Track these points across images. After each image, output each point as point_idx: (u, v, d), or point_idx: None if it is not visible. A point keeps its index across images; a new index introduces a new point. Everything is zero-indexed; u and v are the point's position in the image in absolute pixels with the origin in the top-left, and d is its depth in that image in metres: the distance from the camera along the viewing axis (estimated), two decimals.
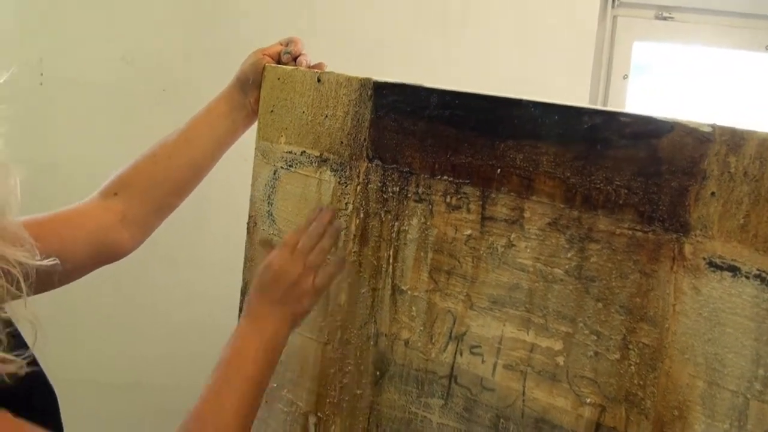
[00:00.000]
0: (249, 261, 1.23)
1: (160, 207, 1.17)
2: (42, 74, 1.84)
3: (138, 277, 1.80)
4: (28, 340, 0.83)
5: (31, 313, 0.80)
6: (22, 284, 0.79)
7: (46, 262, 0.85)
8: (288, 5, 1.87)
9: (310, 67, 1.17)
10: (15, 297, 0.79)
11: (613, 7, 2.00)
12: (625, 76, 2.05)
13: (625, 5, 2.01)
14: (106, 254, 1.13)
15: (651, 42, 2.05)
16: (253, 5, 1.87)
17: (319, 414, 1.14)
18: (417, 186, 1.01)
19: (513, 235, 0.93)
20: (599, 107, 0.88)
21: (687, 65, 2.05)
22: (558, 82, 1.86)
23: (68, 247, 1.06)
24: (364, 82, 1.06)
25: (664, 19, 2.02)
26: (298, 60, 1.17)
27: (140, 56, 1.85)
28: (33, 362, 0.83)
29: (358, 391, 1.09)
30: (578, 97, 1.84)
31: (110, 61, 1.85)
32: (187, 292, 1.95)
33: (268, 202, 1.18)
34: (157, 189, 1.16)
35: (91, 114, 1.86)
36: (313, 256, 1.04)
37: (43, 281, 1.00)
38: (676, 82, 2.07)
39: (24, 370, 0.76)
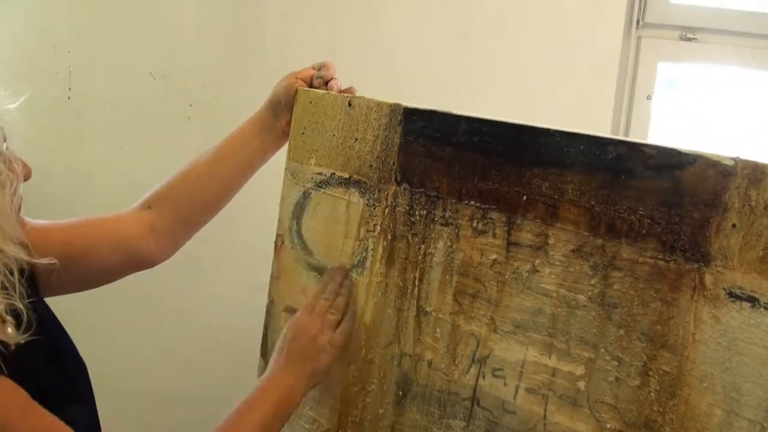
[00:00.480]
0: (275, 279, 1.28)
1: (189, 221, 1.24)
2: (70, 88, 1.90)
3: (163, 289, 1.84)
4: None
5: (23, 305, 0.87)
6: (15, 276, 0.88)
7: (43, 261, 0.94)
8: (315, 25, 1.92)
9: (340, 91, 1.21)
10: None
11: (637, 28, 2.03)
12: (649, 97, 2.08)
13: (649, 26, 2.04)
14: (133, 261, 1.20)
15: (675, 63, 2.08)
16: (280, 23, 1.92)
17: None
18: (444, 210, 1.05)
19: (537, 261, 0.97)
20: (624, 138, 0.92)
21: (711, 85, 2.08)
22: (582, 103, 1.89)
23: (95, 250, 1.15)
24: (395, 108, 1.10)
25: (689, 40, 2.05)
26: (329, 84, 1.22)
27: (168, 71, 1.91)
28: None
29: (381, 411, 1.13)
30: (602, 117, 1.87)
31: (138, 76, 1.90)
32: (211, 307, 2.00)
33: (297, 222, 1.22)
34: (187, 204, 1.22)
35: (118, 128, 1.91)
36: (329, 314, 1.15)
37: (73, 281, 1.07)
38: (700, 102, 2.10)
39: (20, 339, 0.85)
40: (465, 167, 1.03)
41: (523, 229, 0.98)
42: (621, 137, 0.92)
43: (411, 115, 1.08)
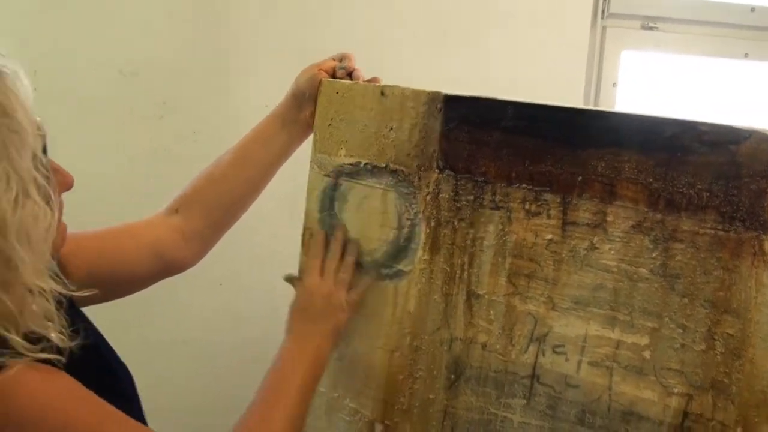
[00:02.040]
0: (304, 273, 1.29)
1: (218, 223, 1.25)
2: (36, 89, 1.85)
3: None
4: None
5: (60, 339, 0.87)
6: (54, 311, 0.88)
7: (84, 293, 0.92)
8: (289, 20, 1.94)
9: (366, 81, 1.25)
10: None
11: (602, 18, 2.14)
12: (614, 84, 2.19)
13: (613, 16, 2.15)
14: (166, 268, 1.21)
15: (638, 51, 2.21)
16: (253, 17, 1.92)
17: (386, 421, 1.21)
18: (493, 194, 1.10)
19: (596, 238, 1.03)
20: (678, 117, 0.99)
21: (672, 73, 2.21)
22: (554, 92, 1.98)
23: (129, 258, 1.17)
24: (434, 96, 1.14)
25: (650, 29, 2.17)
26: (354, 75, 1.25)
27: (139, 68, 1.89)
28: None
29: (431, 396, 1.17)
30: (573, 105, 1.97)
31: (108, 74, 1.88)
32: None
33: (330, 215, 1.24)
34: (214, 207, 1.24)
35: (88, 129, 1.88)
36: (341, 273, 1.20)
37: (105, 291, 1.08)
38: (662, 89, 2.23)
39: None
40: (514, 151, 1.08)
41: (579, 208, 1.04)
42: (675, 116, 0.98)
43: (452, 102, 1.13)
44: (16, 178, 0.82)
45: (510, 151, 1.08)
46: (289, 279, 1.26)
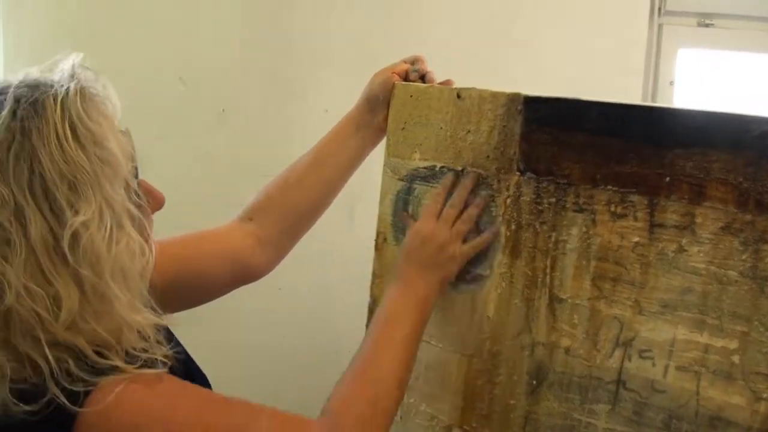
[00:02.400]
0: (377, 277, 1.30)
1: (293, 229, 1.26)
2: None
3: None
4: None
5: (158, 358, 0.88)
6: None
7: (170, 319, 0.96)
8: (347, 27, 1.95)
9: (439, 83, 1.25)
10: None
11: (659, 15, 2.13)
12: (671, 83, 2.17)
13: (669, 14, 2.13)
14: (242, 276, 1.22)
15: (695, 48, 2.19)
16: (312, 23, 1.94)
17: (465, 427, 1.21)
18: (576, 196, 1.09)
19: (684, 241, 1.02)
20: (766, 115, 0.98)
21: (728, 70, 2.19)
22: (611, 90, 1.97)
23: (209, 265, 1.18)
24: (513, 98, 1.14)
25: (706, 26, 2.15)
26: (427, 77, 1.25)
27: (199, 76, 1.91)
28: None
29: (512, 402, 1.16)
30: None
31: (168, 82, 1.90)
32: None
33: (402, 218, 1.25)
34: (288, 212, 1.24)
35: (148, 135, 1.90)
36: (460, 224, 1.16)
37: (183, 299, 1.09)
38: (719, 87, 2.21)
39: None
40: (599, 153, 1.07)
41: (667, 210, 1.03)
42: (764, 115, 0.97)
43: (533, 103, 1.13)
44: (109, 213, 0.82)
45: (594, 152, 1.08)
46: (404, 217, 1.24)
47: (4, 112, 0.79)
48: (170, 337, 0.96)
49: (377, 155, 1.31)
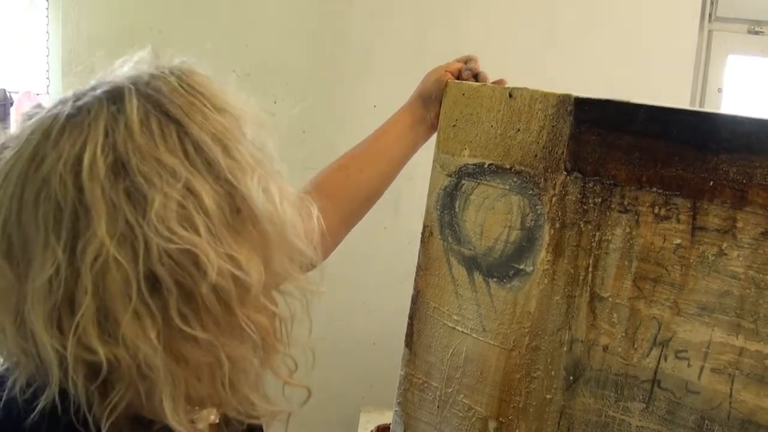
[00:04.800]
0: (422, 270, 1.38)
1: (350, 219, 1.33)
2: None
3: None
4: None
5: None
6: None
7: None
8: (400, 26, 2.04)
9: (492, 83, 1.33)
10: None
11: (709, 21, 2.19)
12: (720, 90, 2.24)
13: (720, 20, 2.19)
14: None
15: (744, 55, 2.25)
16: (366, 22, 2.03)
17: (500, 419, 1.28)
18: (622, 197, 1.17)
19: (725, 245, 1.09)
20: None
21: None
22: (659, 95, 2.03)
23: None
24: (564, 98, 1.22)
25: (756, 33, 2.21)
26: (480, 76, 1.33)
27: (252, 69, 2.01)
28: None
29: (548, 396, 1.24)
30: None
31: (222, 74, 2.00)
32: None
33: (450, 214, 1.33)
34: (349, 201, 1.32)
35: None
36: None
37: None
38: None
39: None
40: (645, 155, 1.14)
41: (709, 213, 1.10)
42: None
43: (583, 105, 1.20)
44: (264, 170, 0.80)
45: (641, 154, 1.15)
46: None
47: (128, 94, 0.75)
48: None
49: (420, 154, 1.39)
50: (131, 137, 0.72)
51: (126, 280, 0.69)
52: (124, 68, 0.82)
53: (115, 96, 0.75)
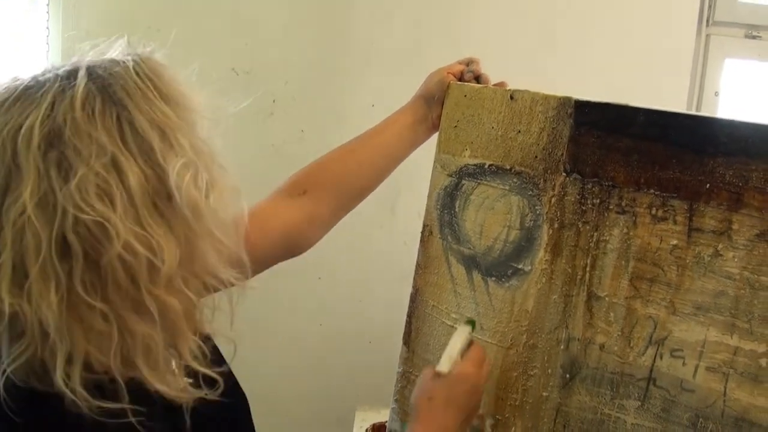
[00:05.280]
0: (421, 268, 1.41)
1: (342, 209, 1.36)
2: None
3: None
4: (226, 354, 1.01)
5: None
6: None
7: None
8: (400, 26, 2.07)
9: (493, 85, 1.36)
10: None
11: (707, 25, 2.23)
12: (717, 93, 2.28)
13: (717, 24, 2.24)
14: (288, 251, 1.32)
15: (741, 60, 2.29)
16: (366, 22, 2.06)
17: (497, 416, 1.31)
18: (620, 199, 1.20)
19: (720, 246, 1.12)
20: None
21: None
22: (656, 99, 2.07)
23: (261, 241, 1.23)
24: (564, 101, 1.25)
25: (754, 38, 2.25)
26: (482, 79, 1.36)
27: (252, 67, 2.04)
28: (230, 374, 1.02)
29: (544, 394, 1.27)
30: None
31: (221, 72, 2.03)
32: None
33: (450, 213, 1.36)
34: (344, 191, 1.35)
35: None
36: None
37: None
38: (766, 98, 2.31)
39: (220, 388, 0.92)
40: (644, 157, 1.17)
41: (705, 215, 1.13)
42: None
43: (583, 107, 1.23)
44: (201, 162, 0.88)
45: (639, 157, 1.18)
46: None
47: (81, 74, 0.83)
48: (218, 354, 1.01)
49: (418, 154, 1.42)
50: (72, 111, 0.79)
51: (39, 242, 0.76)
52: (98, 54, 0.89)
53: (70, 74, 0.83)
